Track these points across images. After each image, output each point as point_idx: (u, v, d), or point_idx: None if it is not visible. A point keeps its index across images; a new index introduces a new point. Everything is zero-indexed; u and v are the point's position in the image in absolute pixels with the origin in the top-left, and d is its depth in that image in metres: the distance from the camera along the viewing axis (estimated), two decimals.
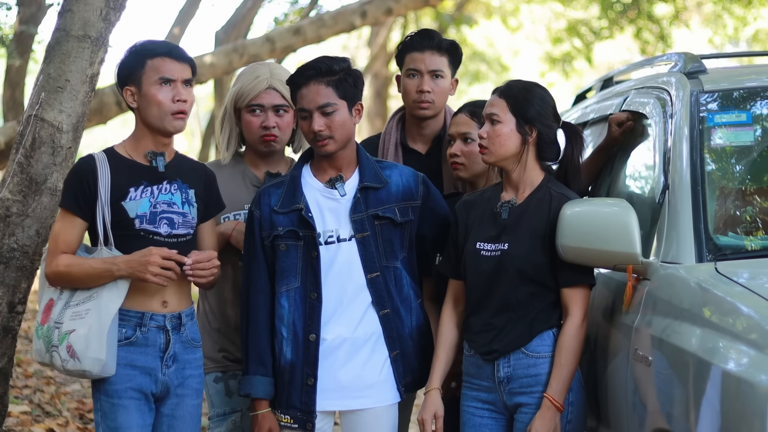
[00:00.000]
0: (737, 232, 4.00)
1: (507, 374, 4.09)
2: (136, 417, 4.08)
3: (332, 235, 4.24)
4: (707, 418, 3.29)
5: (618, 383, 4.05)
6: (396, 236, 4.28)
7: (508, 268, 4.09)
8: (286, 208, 4.25)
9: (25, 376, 8.54)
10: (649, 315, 3.86)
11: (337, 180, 4.25)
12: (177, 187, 4.17)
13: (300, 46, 13.94)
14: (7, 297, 4.69)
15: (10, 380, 4.89)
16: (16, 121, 10.44)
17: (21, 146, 4.68)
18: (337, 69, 4.19)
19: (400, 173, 4.34)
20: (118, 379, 4.05)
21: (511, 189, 4.22)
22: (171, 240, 4.12)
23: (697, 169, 4.08)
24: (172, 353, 4.13)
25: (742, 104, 4.38)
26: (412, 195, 4.32)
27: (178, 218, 4.15)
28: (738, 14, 17.94)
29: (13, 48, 11.08)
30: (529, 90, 4.20)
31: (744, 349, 3.25)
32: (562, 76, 19.63)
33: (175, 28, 13.91)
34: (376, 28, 17.96)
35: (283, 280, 4.25)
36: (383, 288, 4.24)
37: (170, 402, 4.16)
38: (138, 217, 4.08)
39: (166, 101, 4.08)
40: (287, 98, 4.53)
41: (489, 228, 4.19)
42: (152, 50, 4.13)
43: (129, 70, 4.14)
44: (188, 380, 4.19)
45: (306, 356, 4.22)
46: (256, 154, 4.64)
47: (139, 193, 4.10)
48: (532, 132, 4.16)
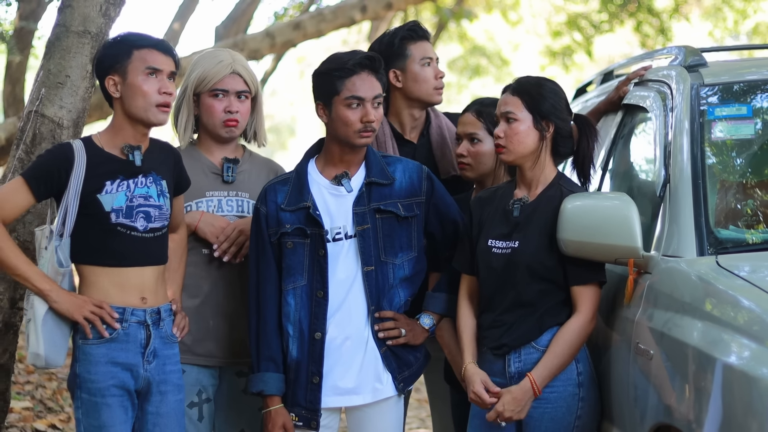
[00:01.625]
0: (738, 226, 4.00)
1: (518, 369, 4.09)
2: (120, 414, 4.07)
3: (340, 231, 4.24)
4: (709, 411, 3.29)
5: (619, 377, 4.05)
6: (400, 232, 4.27)
7: (518, 265, 4.09)
8: (293, 206, 4.24)
9: (27, 372, 8.55)
10: (651, 309, 3.86)
11: (342, 176, 4.25)
12: (152, 179, 4.16)
13: (300, 41, 13.94)
14: (9, 293, 4.68)
15: (11, 376, 4.89)
16: (16, 117, 10.46)
17: (21, 142, 4.67)
18: (379, 64, 4.25)
19: (405, 168, 4.33)
20: (101, 377, 4.05)
21: (524, 186, 4.22)
22: (148, 235, 4.11)
23: (698, 162, 4.08)
24: (152, 349, 4.12)
25: (742, 97, 4.38)
26: (415, 191, 4.31)
27: (155, 211, 4.14)
28: (738, 7, 17.92)
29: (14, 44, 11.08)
30: (542, 85, 4.20)
31: (745, 342, 3.25)
32: (563, 69, 19.60)
33: (175, 24, 13.91)
34: (376, 22, 17.92)
35: (289, 278, 4.25)
36: (374, 283, 4.23)
37: (154, 399, 4.16)
38: (114, 210, 4.07)
39: (152, 92, 4.08)
40: (249, 84, 4.55)
41: (501, 225, 4.19)
42: (139, 41, 4.13)
43: (113, 60, 4.12)
44: (169, 376, 4.18)
45: (311, 354, 4.22)
46: (214, 139, 4.60)
47: (116, 186, 4.09)
48: (549, 127, 4.15)
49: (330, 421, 4.28)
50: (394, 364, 4.27)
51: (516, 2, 21.23)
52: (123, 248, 4.08)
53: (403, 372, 4.30)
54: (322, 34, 14.02)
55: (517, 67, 25.09)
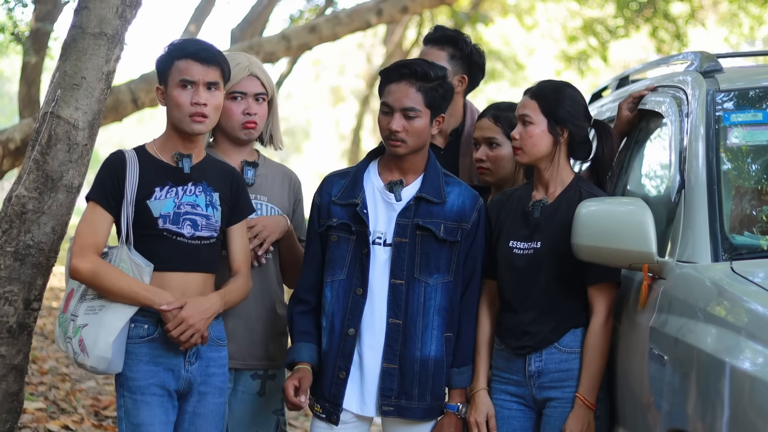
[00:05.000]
0: (753, 232, 3.99)
1: (538, 368, 4.13)
2: (159, 413, 4.09)
3: (381, 236, 4.22)
4: (723, 417, 3.28)
5: (633, 382, 4.05)
6: (439, 253, 4.20)
7: (541, 265, 4.14)
8: (344, 201, 4.26)
9: (41, 372, 8.58)
10: (665, 314, 3.85)
11: (396, 184, 4.23)
12: (202, 189, 4.18)
13: (316, 44, 13.97)
14: (23, 294, 4.69)
15: (25, 377, 4.90)
16: (32, 118, 10.49)
17: (37, 143, 4.68)
18: (432, 76, 4.18)
19: (460, 192, 4.27)
20: (141, 375, 4.07)
21: (542, 188, 4.26)
22: (194, 242, 4.13)
23: (713, 168, 4.07)
24: (194, 350, 4.13)
25: (758, 103, 4.37)
26: (464, 217, 4.24)
27: (202, 220, 4.15)
28: (754, 13, 17.90)
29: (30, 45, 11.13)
30: (560, 90, 4.23)
31: (760, 348, 3.24)
32: (578, 74, 19.60)
33: (191, 26, 13.95)
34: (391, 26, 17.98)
35: (329, 271, 4.26)
36: (403, 298, 4.19)
37: (193, 399, 4.18)
38: (161, 216, 4.09)
39: (184, 103, 4.11)
40: (266, 86, 4.57)
41: (521, 227, 4.23)
42: (181, 51, 4.16)
43: (160, 70, 4.19)
44: (211, 378, 4.20)
45: (341, 349, 4.21)
46: (231, 142, 4.60)
47: (164, 192, 4.12)
48: (564, 132, 4.20)
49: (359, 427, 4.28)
50: (389, 385, 4.19)
51: (532, 6, 21.25)
52: (168, 252, 4.10)
53: (397, 398, 4.21)
54: (337, 38, 14.05)
55: (533, 72, 25.11)
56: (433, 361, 4.20)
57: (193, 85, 4.11)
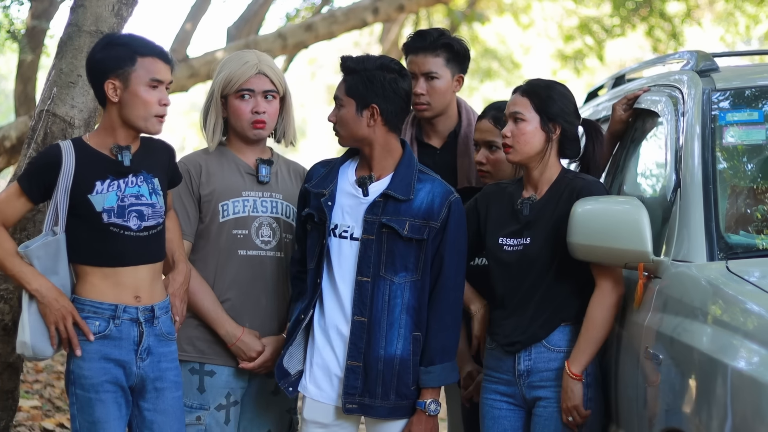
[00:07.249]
0: (749, 231, 3.99)
1: (527, 367, 4.14)
2: (114, 410, 4.08)
3: (347, 230, 4.20)
4: (718, 417, 3.29)
5: (628, 381, 4.05)
6: (405, 252, 4.15)
7: (530, 261, 4.15)
8: (316, 189, 4.26)
9: (36, 370, 8.57)
10: (660, 313, 3.86)
11: (365, 179, 4.21)
12: (143, 178, 4.16)
13: (312, 43, 13.97)
14: (18, 291, 4.68)
15: (20, 375, 4.90)
16: (28, 116, 10.47)
17: (33, 141, 4.68)
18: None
19: (431, 189, 4.20)
20: (94, 372, 4.06)
21: (531, 187, 4.27)
22: (142, 234, 4.12)
23: (709, 167, 4.07)
24: (145, 346, 4.12)
25: (754, 103, 4.38)
26: (432, 215, 4.17)
27: (148, 210, 4.14)
28: (750, 12, 17.88)
29: (25, 43, 11.10)
30: (551, 88, 4.25)
31: (755, 347, 3.24)
32: (574, 73, 19.59)
33: (187, 24, 13.92)
34: (387, 24, 17.93)
35: (308, 259, 4.29)
36: (368, 296, 4.16)
37: (150, 396, 4.16)
38: (105, 210, 4.07)
39: (153, 103, 4.08)
40: (276, 84, 4.55)
41: (510, 224, 4.24)
42: (144, 48, 4.10)
43: (115, 63, 4.07)
44: (165, 373, 4.18)
45: (291, 333, 4.28)
46: (243, 141, 4.59)
47: (106, 186, 4.09)
48: (556, 129, 4.21)
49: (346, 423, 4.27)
50: (352, 383, 4.16)
51: (528, 5, 21.24)
52: (117, 249, 4.08)
53: (361, 396, 4.18)
54: (333, 36, 14.04)
55: (529, 71, 25.08)
56: (399, 360, 4.15)
57: (160, 85, 4.09)
